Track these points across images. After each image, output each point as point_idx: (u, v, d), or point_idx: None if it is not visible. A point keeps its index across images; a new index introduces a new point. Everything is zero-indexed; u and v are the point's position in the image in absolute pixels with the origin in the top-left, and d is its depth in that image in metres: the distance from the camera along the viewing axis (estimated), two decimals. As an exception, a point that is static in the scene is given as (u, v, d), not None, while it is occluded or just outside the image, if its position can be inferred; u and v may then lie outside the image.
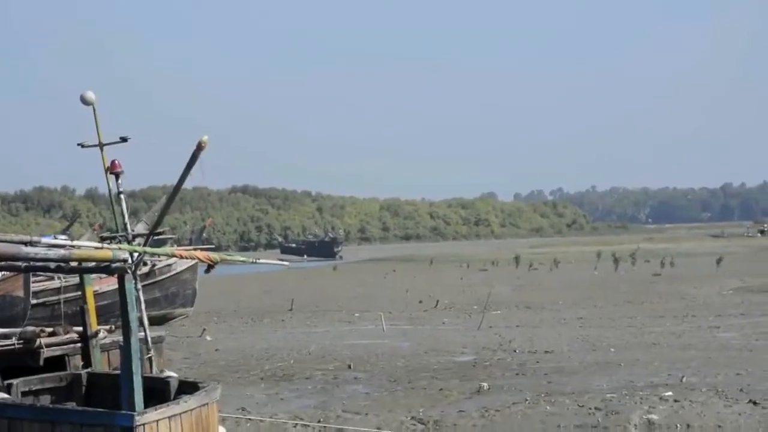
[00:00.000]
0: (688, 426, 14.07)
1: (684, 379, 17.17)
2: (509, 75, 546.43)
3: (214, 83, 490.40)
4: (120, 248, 9.15)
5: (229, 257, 10.61)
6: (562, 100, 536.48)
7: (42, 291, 26.58)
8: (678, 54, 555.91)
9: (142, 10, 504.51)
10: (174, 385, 9.88)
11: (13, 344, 11.22)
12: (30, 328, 11.52)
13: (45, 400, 10.38)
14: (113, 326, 12.14)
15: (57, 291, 26.51)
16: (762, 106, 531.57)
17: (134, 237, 12.51)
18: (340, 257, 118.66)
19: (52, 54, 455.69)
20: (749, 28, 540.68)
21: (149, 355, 11.76)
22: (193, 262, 29.91)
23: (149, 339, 11.89)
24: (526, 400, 15.89)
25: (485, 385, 17.24)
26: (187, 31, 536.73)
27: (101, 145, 12.68)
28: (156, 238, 12.93)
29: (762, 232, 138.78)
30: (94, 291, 11.69)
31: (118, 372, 9.49)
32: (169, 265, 30.57)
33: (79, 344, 11.38)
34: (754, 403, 15.05)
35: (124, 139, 12.76)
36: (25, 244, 8.76)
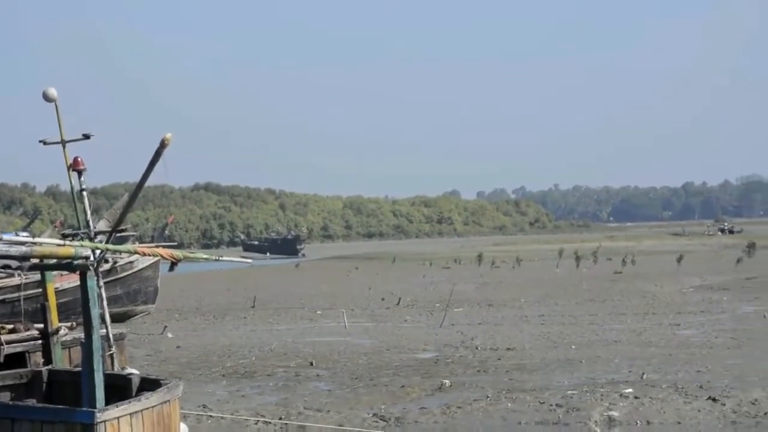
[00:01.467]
0: (648, 422, 14.18)
1: (644, 376, 17.29)
2: (472, 73, 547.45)
3: (179, 80, 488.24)
4: (82, 245, 9.13)
5: (191, 255, 10.59)
6: (524, 100, 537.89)
7: (2, 288, 26.41)
8: (644, 56, 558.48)
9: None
10: (135, 382, 9.86)
11: (-27, 341, 11.16)
12: (-10, 325, 11.47)
13: (5, 397, 10.33)
14: (74, 323, 12.11)
15: (17, 288, 26.32)
16: (722, 107, 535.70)
17: (96, 234, 12.47)
18: (303, 255, 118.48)
19: (18, 47, 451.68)
20: (714, 32, 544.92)
21: (111, 352, 11.73)
22: (155, 259, 29.89)
23: (111, 336, 11.87)
24: (488, 396, 15.96)
25: (447, 382, 17.29)
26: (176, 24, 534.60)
27: (63, 143, 12.63)
28: (118, 235, 12.89)
29: (722, 230, 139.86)
30: (56, 288, 11.64)
31: (79, 369, 9.47)
32: (131, 262, 30.49)
33: (39, 341, 11.34)
34: (714, 399, 15.19)
35: (86, 136, 12.70)
36: (-14, 240, 8.72)
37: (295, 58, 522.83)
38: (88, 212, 12.46)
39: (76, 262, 8.42)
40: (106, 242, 11.65)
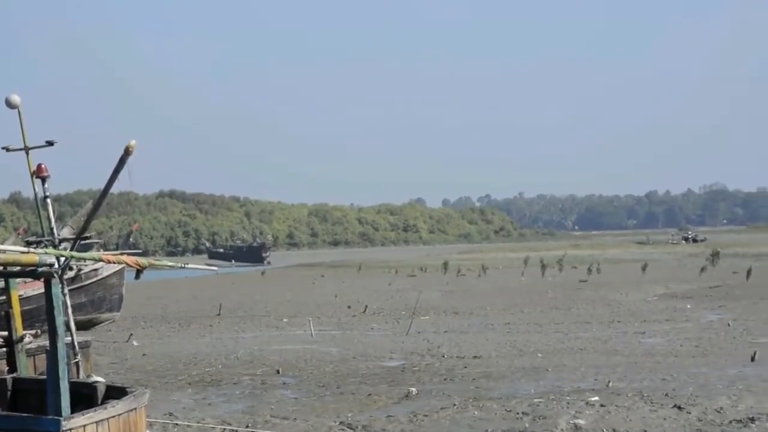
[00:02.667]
0: (614, 430, 14.17)
1: (610, 384, 17.34)
2: (434, 81, 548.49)
3: (146, 82, 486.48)
4: (46, 252, 9.05)
5: (157, 262, 10.51)
6: (488, 107, 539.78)
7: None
8: (604, 65, 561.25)
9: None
10: (101, 390, 9.78)
11: (-63, 349, 11.05)
12: (-47, 333, 11.36)
13: (-31, 406, 10.22)
14: (39, 331, 12.01)
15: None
16: (685, 116, 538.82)
17: (60, 241, 12.39)
18: (269, 263, 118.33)
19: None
20: (667, 47, 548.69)
21: (76, 360, 11.65)
22: (120, 266, 29.75)
23: (76, 344, 11.78)
24: (455, 404, 15.94)
25: (414, 390, 17.28)
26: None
27: (27, 149, 12.54)
28: (83, 242, 12.81)
29: (686, 239, 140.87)
30: (20, 295, 11.55)
31: (44, 377, 9.38)
32: (95, 269, 30.31)
33: (4, 349, 11.24)
34: (679, 407, 15.23)
35: (50, 143, 12.63)
36: (-51, 247, 8.62)
37: (263, 63, 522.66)
38: (52, 219, 12.38)
39: (40, 269, 8.33)
40: (71, 249, 11.57)
